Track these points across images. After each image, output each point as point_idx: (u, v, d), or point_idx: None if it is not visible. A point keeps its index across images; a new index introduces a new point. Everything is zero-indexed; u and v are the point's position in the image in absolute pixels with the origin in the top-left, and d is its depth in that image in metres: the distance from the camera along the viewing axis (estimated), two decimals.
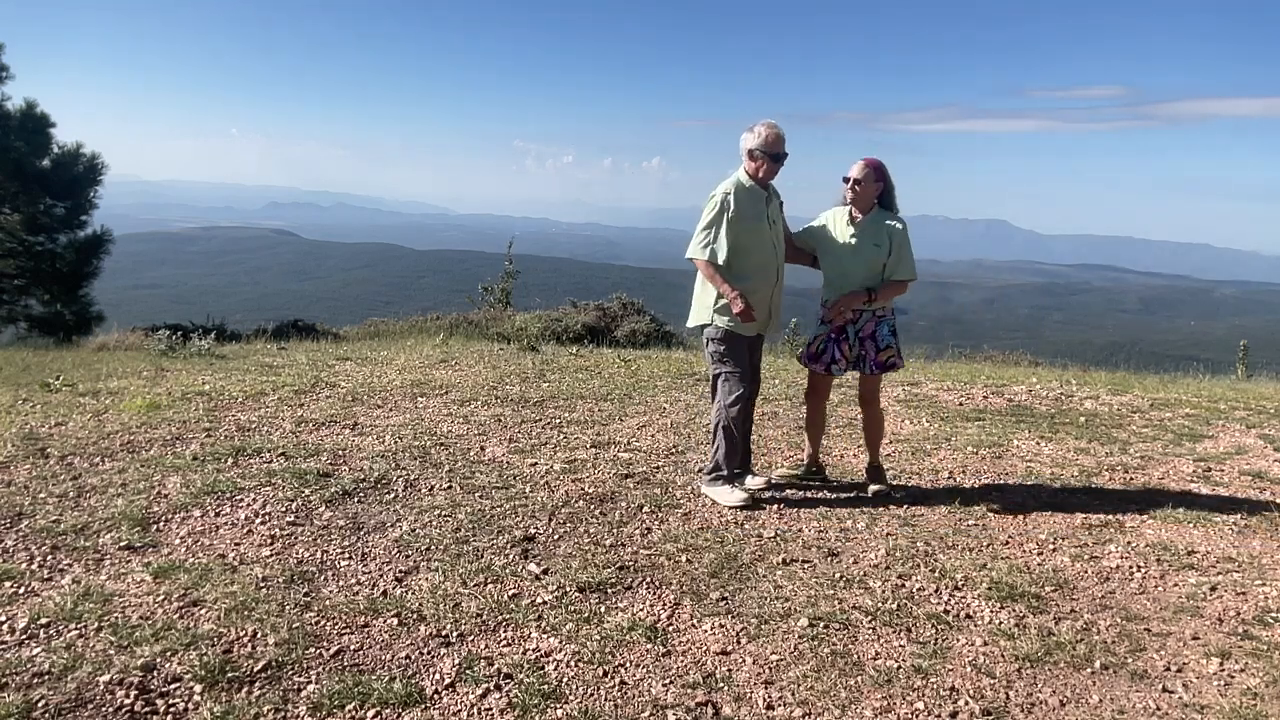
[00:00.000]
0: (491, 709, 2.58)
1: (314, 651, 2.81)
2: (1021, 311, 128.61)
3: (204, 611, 3.02)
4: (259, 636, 2.87)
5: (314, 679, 2.67)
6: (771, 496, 4.55)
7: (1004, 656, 2.99)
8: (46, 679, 2.57)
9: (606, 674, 2.79)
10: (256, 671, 2.67)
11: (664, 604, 3.28)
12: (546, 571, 3.50)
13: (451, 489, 4.43)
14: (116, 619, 2.92)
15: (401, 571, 3.45)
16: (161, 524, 3.79)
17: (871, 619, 3.22)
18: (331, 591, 3.25)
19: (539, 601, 3.24)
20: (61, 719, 2.43)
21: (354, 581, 3.35)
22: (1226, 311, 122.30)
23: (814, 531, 4.09)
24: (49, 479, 4.24)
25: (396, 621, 3.04)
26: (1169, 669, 2.96)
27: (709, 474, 4.52)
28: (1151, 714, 2.70)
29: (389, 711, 2.54)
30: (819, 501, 4.54)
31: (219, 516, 3.91)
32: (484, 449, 5.20)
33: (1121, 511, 4.49)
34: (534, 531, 3.92)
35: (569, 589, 3.35)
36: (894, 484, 4.81)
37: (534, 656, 2.86)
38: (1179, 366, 10.94)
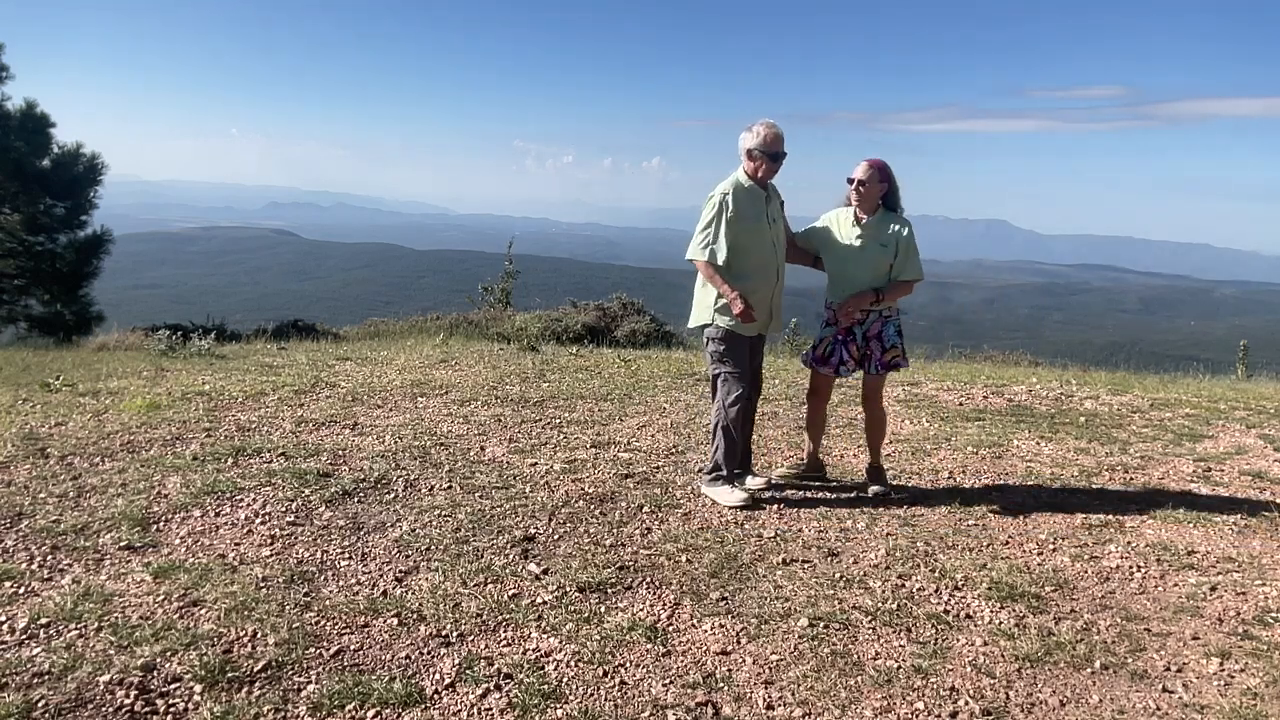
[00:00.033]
0: (491, 709, 2.58)
1: (314, 651, 2.81)
2: (1021, 311, 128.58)
3: (204, 611, 3.02)
4: (259, 636, 2.87)
5: (314, 679, 2.67)
6: (771, 496, 4.55)
7: (1004, 656, 2.99)
8: (46, 679, 2.57)
9: (606, 674, 2.79)
10: (256, 671, 2.68)
11: (664, 604, 3.29)
12: (546, 571, 3.51)
13: (451, 489, 4.43)
14: (116, 619, 2.93)
15: (401, 571, 3.45)
16: (161, 524, 3.79)
17: (871, 619, 3.22)
18: (331, 591, 3.25)
19: (539, 601, 3.24)
20: (61, 719, 2.43)
21: (354, 581, 3.35)
22: (1226, 311, 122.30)
23: (814, 531, 4.09)
24: (49, 479, 4.24)
25: (396, 621, 3.04)
26: (1169, 669, 2.96)
27: (709, 474, 4.52)
28: (1151, 714, 2.70)
29: (389, 711, 2.54)
30: (819, 501, 4.54)
31: (219, 516, 3.91)
32: (484, 449, 5.20)
33: (1121, 511, 4.49)
34: (534, 531, 3.92)
35: (569, 589, 3.35)
36: (894, 484, 4.81)
37: (534, 656, 2.86)
38: (1179, 366, 10.94)
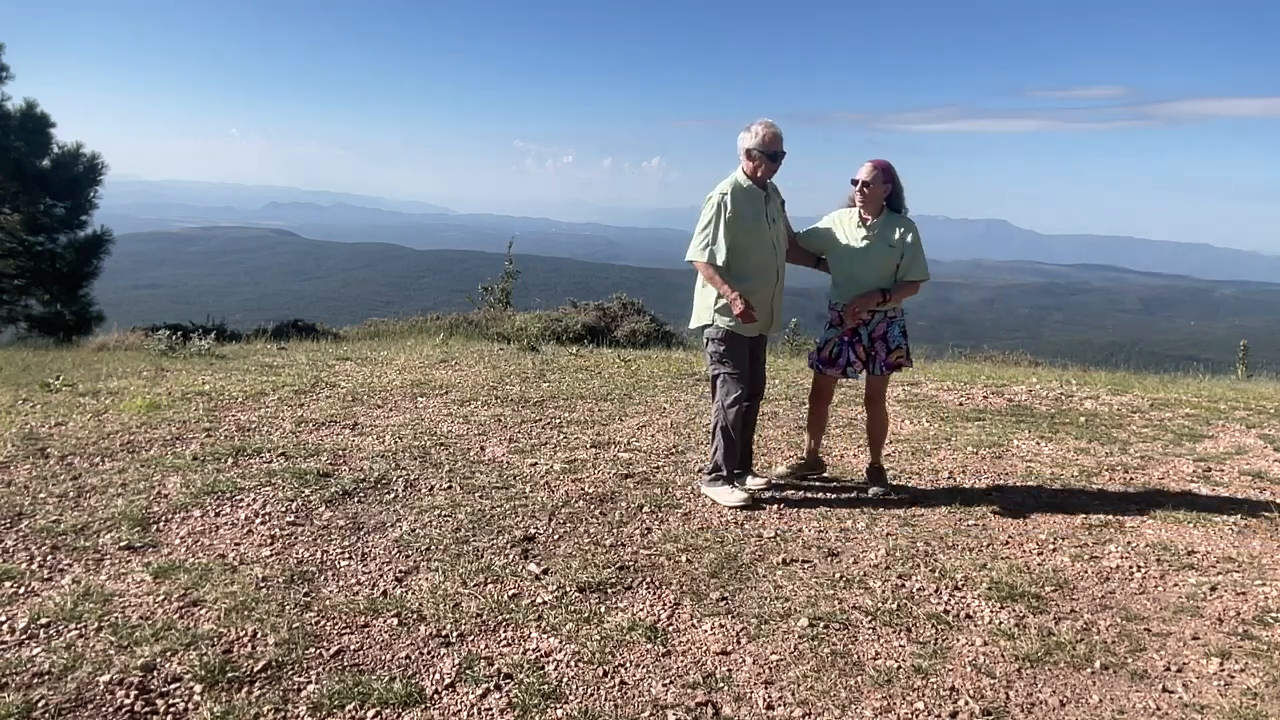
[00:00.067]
0: (491, 709, 2.58)
1: (314, 651, 2.82)
2: (1021, 311, 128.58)
3: (204, 611, 3.02)
4: (259, 636, 2.87)
5: (314, 679, 2.67)
6: (771, 497, 4.55)
7: (1004, 656, 2.99)
8: (46, 679, 2.57)
9: (606, 674, 2.79)
10: (256, 671, 2.68)
11: (664, 604, 3.29)
12: (546, 571, 3.51)
13: (451, 489, 4.43)
14: (116, 619, 2.93)
15: (401, 571, 3.45)
16: (161, 524, 3.79)
17: (871, 619, 3.22)
18: (331, 591, 3.25)
19: (539, 601, 3.24)
20: (61, 719, 2.43)
21: (354, 581, 3.35)
22: (1226, 311, 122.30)
23: (814, 531, 4.09)
24: (49, 479, 4.24)
25: (396, 621, 3.04)
26: (1169, 669, 2.96)
27: (709, 474, 4.52)
28: (1151, 714, 2.70)
29: (389, 711, 2.54)
30: (819, 501, 4.54)
31: (219, 516, 3.91)
32: (484, 449, 5.20)
33: (1121, 511, 4.49)
34: (534, 531, 3.92)
35: (569, 589, 3.35)
36: (894, 484, 4.81)
37: (534, 656, 2.86)
38: (1179, 366, 10.94)
